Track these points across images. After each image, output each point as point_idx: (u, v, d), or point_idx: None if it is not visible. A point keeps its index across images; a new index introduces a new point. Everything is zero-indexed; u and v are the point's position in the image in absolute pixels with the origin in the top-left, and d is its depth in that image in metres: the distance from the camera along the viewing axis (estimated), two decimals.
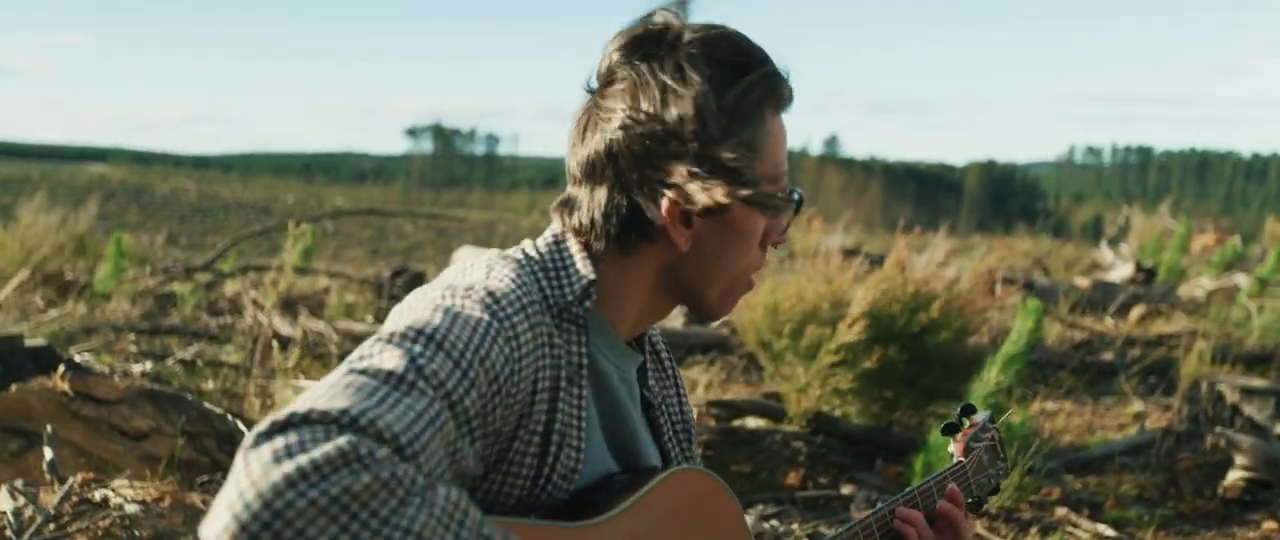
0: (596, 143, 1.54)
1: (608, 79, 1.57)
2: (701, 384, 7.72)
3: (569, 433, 1.51)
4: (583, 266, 1.55)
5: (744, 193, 1.50)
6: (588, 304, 1.53)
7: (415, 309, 1.41)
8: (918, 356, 6.12)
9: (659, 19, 1.56)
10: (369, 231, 27.64)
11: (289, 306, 9.38)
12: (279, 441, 1.12)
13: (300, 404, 1.18)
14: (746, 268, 1.63)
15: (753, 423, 6.20)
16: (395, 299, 11.19)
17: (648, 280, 1.59)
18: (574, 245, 1.57)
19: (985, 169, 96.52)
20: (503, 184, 68.27)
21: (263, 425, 1.15)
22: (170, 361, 7.15)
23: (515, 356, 1.41)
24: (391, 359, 1.29)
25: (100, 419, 5.26)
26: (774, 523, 5.29)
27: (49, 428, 4.69)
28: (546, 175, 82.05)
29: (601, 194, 1.55)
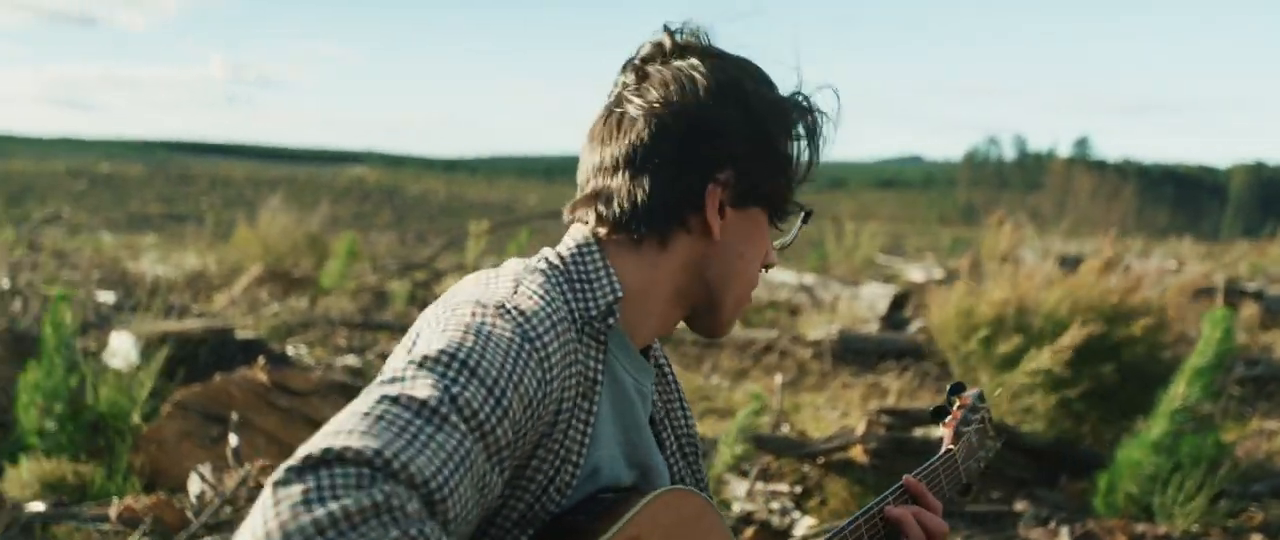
0: (639, 130, 1.54)
1: (640, 77, 1.58)
2: (893, 391, 7.56)
3: (572, 449, 1.49)
4: (610, 280, 1.54)
5: (787, 190, 1.60)
6: (611, 321, 1.52)
7: (447, 329, 1.39)
8: (1114, 368, 5.81)
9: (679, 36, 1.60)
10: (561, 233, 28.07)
11: None
12: (311, 482, 1.11)
13: (333, 438, 1.18)
14: (755, 278, 1.65)
15: (927, 433, 6.02)
16: None
17: (674, 279, 1.59)
18: (598, 255, 1.56)
19: (1252, 171, 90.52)
20: None
21: (295, 459, 1.15)
22: (371, 355, 7.49)
23: (547, 378, 1.39)
24: (424, 387, 1.27)
25: (293, 409, 5.58)
26: None
27: (234, 415, 5.00)
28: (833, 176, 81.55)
29: (645, 180, 1.54)
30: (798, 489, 5.60)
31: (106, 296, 9.95)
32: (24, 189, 32.87)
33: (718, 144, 1.54)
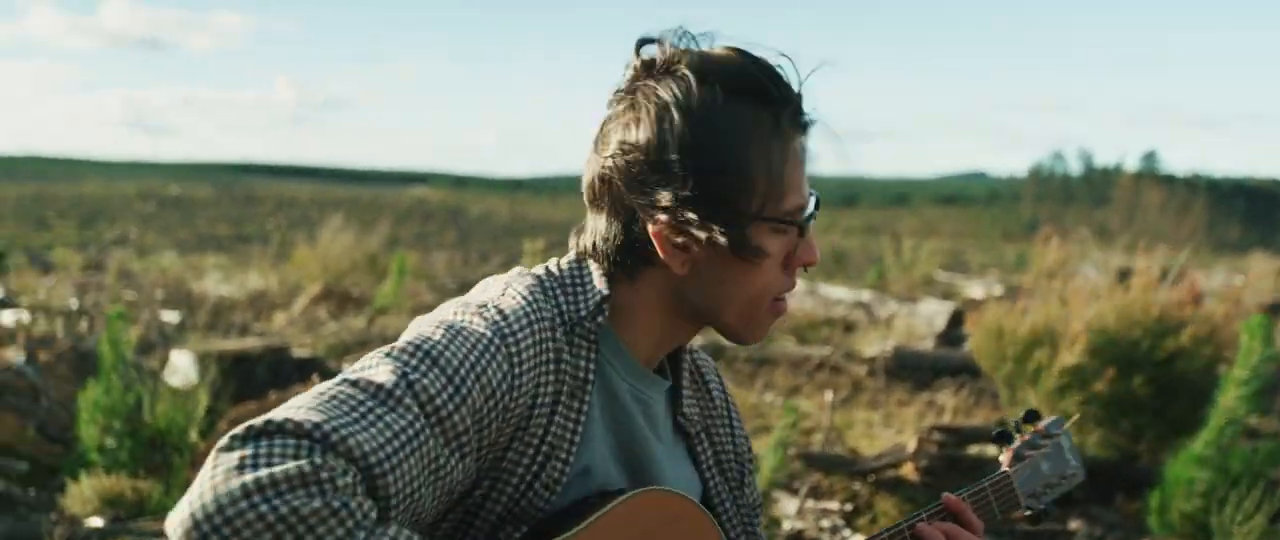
0: (594, 167, 1.57)
1: (614, 104, 1.59)
2: (948, 409, 7.49)
3: (559, 445, 1.52)
4: (598, 283, 1.56)
5: (720, 229, 1.49)
6: (600, 319, 1.55)
7: (424, 324, 1.47)
8: (1165, 385, 5.72)
9: (667, 46, 1.56)
10: None
11: None
12: (248, 449, 1.20)
13: (280, 411, 1.26)
14: (762, 290, 1.57)
15: (981, 451, 5.96)
16: None
17: (658, 303, 1.59)
18: (592, 266, 1.59)
19: None
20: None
21: (240, 429, 1.23)
22: None
23: (515, 373, 1.44)
24: (384, 373, 1.34)
25: None
26: None
27: None
28: (845, 194, 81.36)
29: (601, 220, 1.58)
30: (848, 507, 5.57)
31: (171, 316, 10.13)
32: (96, 211, 33.54)
33: (653, 184, 1.50)
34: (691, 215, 1.48)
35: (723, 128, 1.49)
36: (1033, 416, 2.05)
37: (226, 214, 35.35)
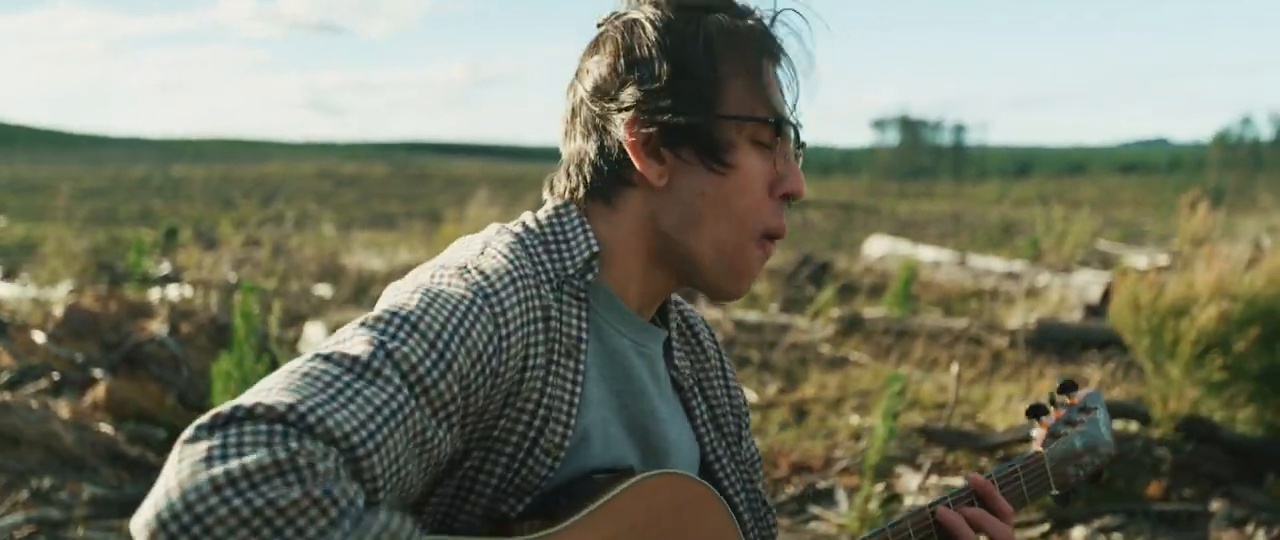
0: (570, 99, 1.54)
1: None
2: (1092, 383, 7.17)
3: (556, 408, 1.44)
4: (586, 236, 1.49)
5: (687, 119, 1.45)
6: (590, 276, 1.48)
7: (400, 291, 1.39)
8: None
9: None
10: (790, 221, 27.68)
11: (690, 295, 9.66)
12: (217, 439, 1.09)
13: (250, 394, 1.16)
14: (743, 214, 1.49)
15: (1119, 426, 5.67)
16: (799, 288, 11.25)
17: (640, 237, 1.51)
18: (575, 214, 1.52)
19: None
20: (971, 174, 66.47)
21: (206, 417, 1.12)
22: None
23: (500, 333, 1.36)
24: (359, 344, 1.25)
25: None
26: (1116, 535, 4.82)
27: None
28: (1018, 164, 78.87)
29: (573, 145, 1.53)
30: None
31: (322, 290, 10.45)
32: (275, 190, 34.92)
33: (624, 90, 1.48)
34: (658, 103, 1.45)
35: (689, 33, 1.48)
36: (1068, 388, 1.93)
37: (399, 192, 36.35)
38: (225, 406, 1.13)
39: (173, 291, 9.74)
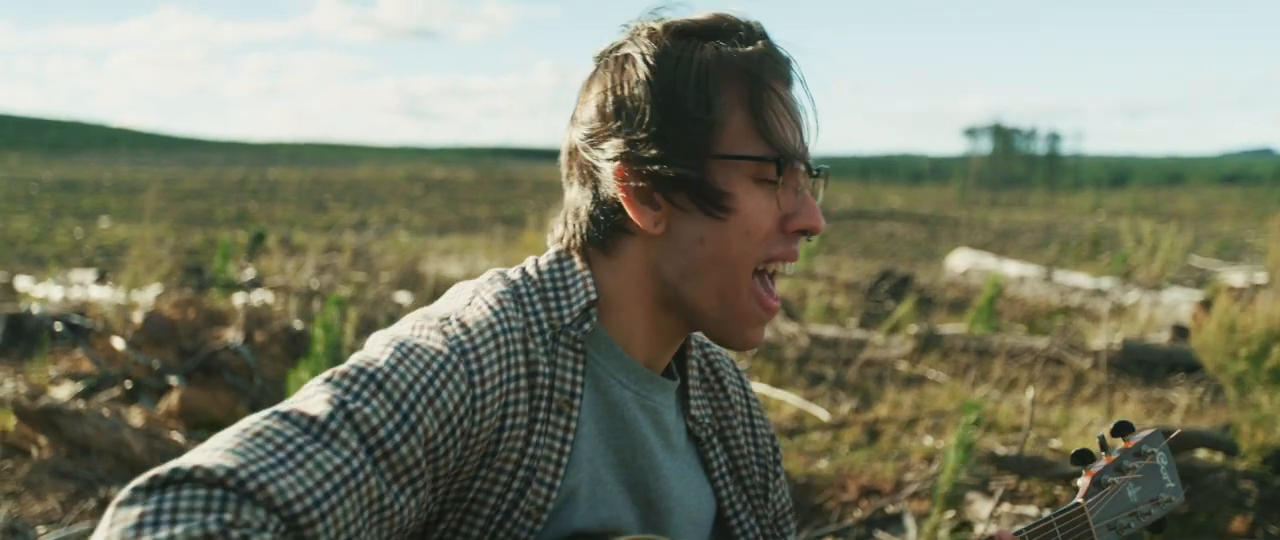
0: (567, 137, 1.49)
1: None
2: (1179, 408, 6.93)
3: (541, 468, 1.38)
4: (584, 285, 1.44)
5: (677, 166, 1.37)
6: (587, 326, 1.42)
7: (376, 343, 1.35)
8: None
9: (639, 21, 1.48)
10: (874, 233, 27.32)
11: None
12: (152, 503, 1.06)
13: (194, 453, 1.13)
14: (741, 256, 1.41)
15: (1208, 457, 5.46)
16: (878, 302, 11.07)
17: (641, 285, 1.45)
18: (577, 261, 1.46)
19: None
20: (1065, 183, 65.11)
21: (143, 478, 1.09)
22: None
23: (475, 393, 1.30)
24: (319, 403, 1.21)
25: None
26: None
27: None
28: (1113, 174, 77.08)
29: (573, 191, 1.48)
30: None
31: (402, 296, 10.52)
32: (367, 194, 35.42)
33: (611, 140, 1.41)
34: (645, 153, 1.38)
35: (681, 70, 1.40)
36: (1124, 430, 1.80)
37: (486, 196, 36.65)
38: (164, 468, 1.09)
39: (256, 297, 9.88)
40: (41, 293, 10.67)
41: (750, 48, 1.42)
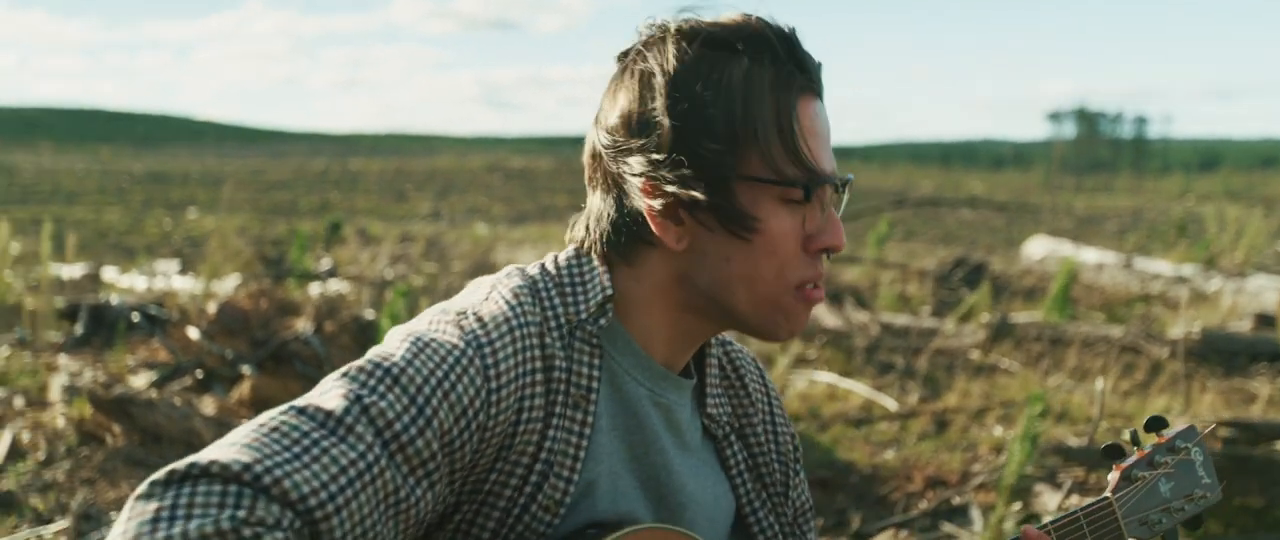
0: (590, 138, 1.47)
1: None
2: (1261, 399, 6.76)
3: (558, 461, 1.39)
4: (601, 280, 1.44)
5: (701, 188, 1.35)
6: (603, 321, 1.42)
7: (393, 337, 1.36)
8: None
9: (667, 18, 1.45)
10: (956, 219, 26.89)
11: (836, 297, 9.49)
12: (168, 499, 1.07)
13: (211, 449, 1.15)
14: (775, 274, 1.40)
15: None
16: (952, 291, 10.93)
17: (664, 291, 1.44)
18: (595, 260, 1.46)
19: None
20: (1152, 168, 63.71)
21: (161, 473, 1.11)
22: None
23: (490, 386, 1.31)
24: (335, 398, 1.22)
25: None
26: None
27: None
28: (1202, 157, 75.19)
29: (596, 198, 1.47)
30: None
31: None
32: (447, 184, 35.79)
33: (635, 155, 1.38)
34: (668, 173, 1.35)
35: (706, 84, 1.37)
36: (1157, 424, 1.76)
37: (564, 185, 36.80)
38: (181, 463, 1.11)
39: (331, 287, 10.03)
40: (126, 283, 10.95)
41: (780, 64, 1.39)
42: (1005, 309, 9.82)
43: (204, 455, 1.12)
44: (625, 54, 1.46)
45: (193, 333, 6.77)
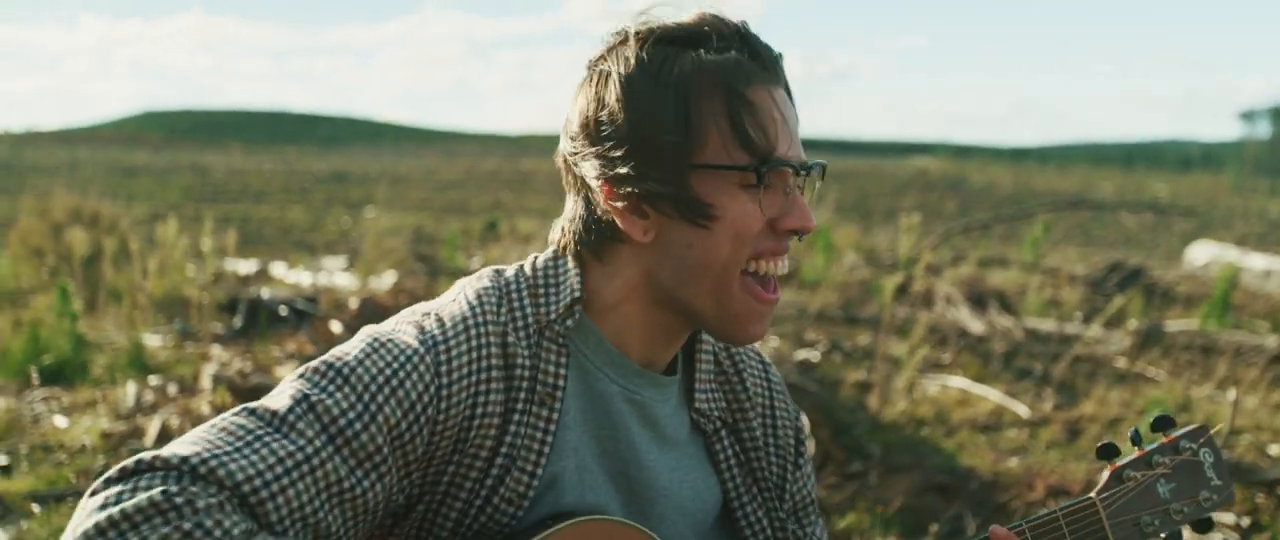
0: (561, 144, 1.54)
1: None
2: None
3: (520, 456, 1.45)
4: (572, 282, 1.50)
5: (656, 180, 1.41)
6: (570, 322, 1.49)
7: (356, 337, 1.46)
8: None
9: (628, 24, 1.51)
10: (1138, 223, 25.76)
11: (979, 301, 9.31)
12: (114, 489, 1.20)
13: (162, 447, 1.29)
14: (731, 259, 1.43)
15: None
16: (1106, 297, 10.58)
17: (636, 290, 1.50)
18: (570, 261, 1.53)
19: None
20: None
21: (113, 469, 1.24)
22: (819, 351, 7.50)
23: (442, 382, 1.39)
24: (284, 398, 1.33)
25: None
26: None
27: None
28: None
29: (569, 200, 1.54)
30: (1245, 521, 4.89)
31: None
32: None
33: (593, 155, 1.45)
34: (625, 170, 1.42)
35: (657, 79, 1.42)
36: (1164, 424, 1.70)
37: None
38: (129, 460, 1.24)
39: None
40: (293, 279, 11.46)
41: (730, 53, 1.43)
42: (1159, 316, 9.46)
43: (149, 452, 1.25)
44: (592, 61, 1.51)
45: (335, 326, 7.07)
